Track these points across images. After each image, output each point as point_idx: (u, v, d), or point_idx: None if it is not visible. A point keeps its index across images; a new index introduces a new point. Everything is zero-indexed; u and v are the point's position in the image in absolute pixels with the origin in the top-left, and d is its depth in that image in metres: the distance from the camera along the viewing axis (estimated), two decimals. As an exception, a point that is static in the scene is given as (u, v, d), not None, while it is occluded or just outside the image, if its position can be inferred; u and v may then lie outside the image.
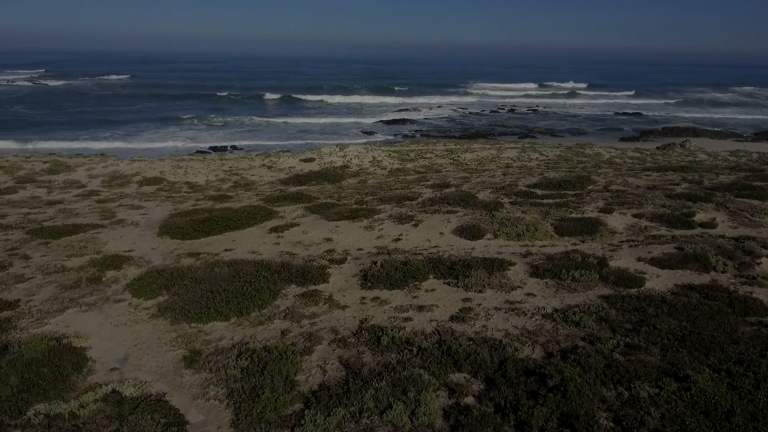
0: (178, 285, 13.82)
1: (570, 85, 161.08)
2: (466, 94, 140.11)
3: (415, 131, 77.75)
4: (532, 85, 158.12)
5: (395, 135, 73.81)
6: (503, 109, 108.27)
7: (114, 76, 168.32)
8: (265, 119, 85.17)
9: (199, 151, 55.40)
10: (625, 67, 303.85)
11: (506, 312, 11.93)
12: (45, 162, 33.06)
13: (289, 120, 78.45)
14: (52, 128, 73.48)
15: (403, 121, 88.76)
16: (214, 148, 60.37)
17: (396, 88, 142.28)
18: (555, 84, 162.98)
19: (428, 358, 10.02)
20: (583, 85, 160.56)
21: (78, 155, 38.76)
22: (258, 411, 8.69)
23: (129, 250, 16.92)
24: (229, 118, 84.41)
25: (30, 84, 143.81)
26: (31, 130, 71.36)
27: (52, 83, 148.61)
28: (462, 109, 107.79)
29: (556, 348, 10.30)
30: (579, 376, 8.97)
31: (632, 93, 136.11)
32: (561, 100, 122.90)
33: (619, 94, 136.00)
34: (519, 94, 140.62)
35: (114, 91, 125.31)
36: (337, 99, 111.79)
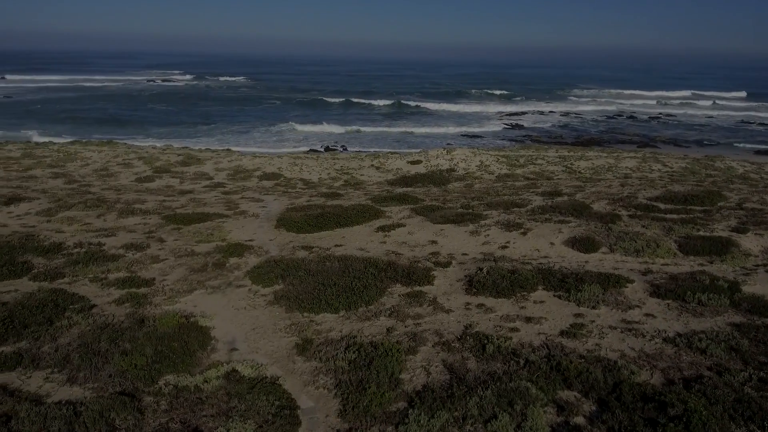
0: (293, 275, 14.58)
1: (690, 93, 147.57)
2: (578, 98, 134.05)
3: (524, 136, 75.67)
4: (653, 92, 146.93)
5: (503, 139, 72.32)
6: (621, 115, 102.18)
7: (238, 78, 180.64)
8: (374, 124, 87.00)
9: (312, 150, 58.01)
10: (752, 74, 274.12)
11: (622, 332, 11.29)
12: (179, 155, 36.31)
13: (395, 129, 78.98)
14: (184, 123, 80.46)
15: (512, 126, 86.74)
16: (326, 148, 62.88)
17: (503, 92, 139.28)
18: (678, 91, 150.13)
19: (536, 371, 9.75)
20: (712, 93, 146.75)
21: (207, 149, 42.12)
22: (364, 404, 8.95)
23: (250, 240, 18.11)
24: (339, 124, 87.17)
25: (166, 83, 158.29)
26: (166, 125, 78.65)
27: (184, 83, 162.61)
28: (574, 114, 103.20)
29: (677, 375, 9.58)
30: (704, 408, 8.29)
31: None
32: (685, 110, 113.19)
33: (755, 104, 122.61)
34: (637, 100, 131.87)
35: (238, 92, 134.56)
36: (444, 105, 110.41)
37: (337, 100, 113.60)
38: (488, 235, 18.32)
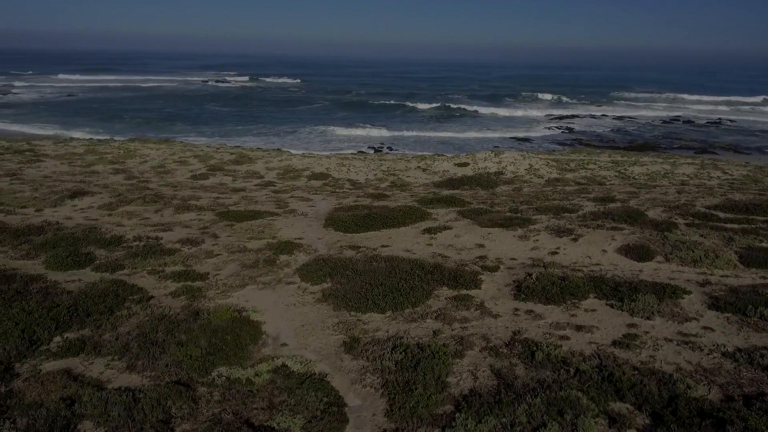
0: (341, 274, 14.77)
1: (762, 98, 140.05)
2: (631, 101, 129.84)
3: (574, 140, 73.92)
4: (715, 97, 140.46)
5: (552, 143, 70.91)
6: (677, 119, 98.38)
7: (288, 79, 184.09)
8: (419, 128, 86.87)
9: (359, 151, 58.50)
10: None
11: (678, 344, 10.91)
12: (231, 153, 37.35)
13: (440, 133, 78.27)
14: (236, 123, 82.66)
15: (562, 129, 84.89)
16: (373, 149, 63.28)
17: (552, 95, 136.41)
18: (740, 96, 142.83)
19: (587, 381, 9.55)
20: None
21: (258, 149, 43.16)
22: (411, 405, 8.99)
23: (299, 238, 18.46)
24: (384, 126, 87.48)
25: (219, 84, 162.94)
26: (218, 124, 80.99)
27: (237, 84, 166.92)
28: (628, 118, 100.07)
29: (737, 392, 9.19)
30: (766, 427, 7.92)
31: None
32: (747, 116, 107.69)
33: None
34: (696, 105, 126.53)
35: (287, 93, 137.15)
36: (491, 109, 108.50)
37: (383, 102, 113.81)
38: (537, 240, 18.03)
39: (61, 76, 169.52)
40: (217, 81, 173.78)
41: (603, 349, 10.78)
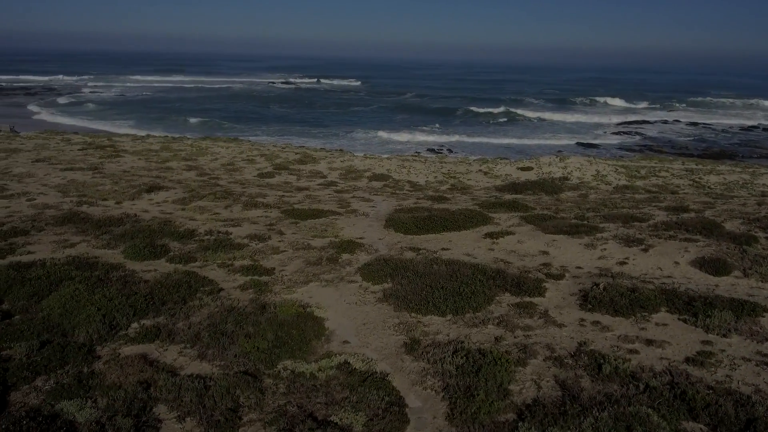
0: (401, 275, 14.86)
1: None
2: (705, 106, 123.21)
3: (644, 146, 71.08)
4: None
5: (620, 149, 68.34)
6: (757, 127, 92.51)
7: (350, 81, 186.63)
8: (480, 133, 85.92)
9: (418, 153, 58.57)
10: None
11: (758, 365, 10.29)
12: (296, 153, 38.31)
13: (503, 139, 76.63)
14: (300, 123, 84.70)
15: (631, 134, 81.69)
16: (432, 151, 63.22)
17: (620, 99, 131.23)
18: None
19: (657, 398, 9.17)
20: None
21: (321, 149, 44.05)
22: (472, 410, 8.94)
23: (360, 238, 18.71)
24: (443, 131, 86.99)
25: (284, 86, 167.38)
26: (284, 124, 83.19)
27: (301, 85, 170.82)
28: (703, 124, 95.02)
29: (826, 420, 8.56)
30: None
31: None
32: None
33: None
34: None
35: (349, 95, 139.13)
36: (556, 114, 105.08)
37: (443, 105, 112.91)
38: (605, 249, 17.46)
39: (137, 77, 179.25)
40: (283, 82, 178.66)
41: (675, 366, 10.32)
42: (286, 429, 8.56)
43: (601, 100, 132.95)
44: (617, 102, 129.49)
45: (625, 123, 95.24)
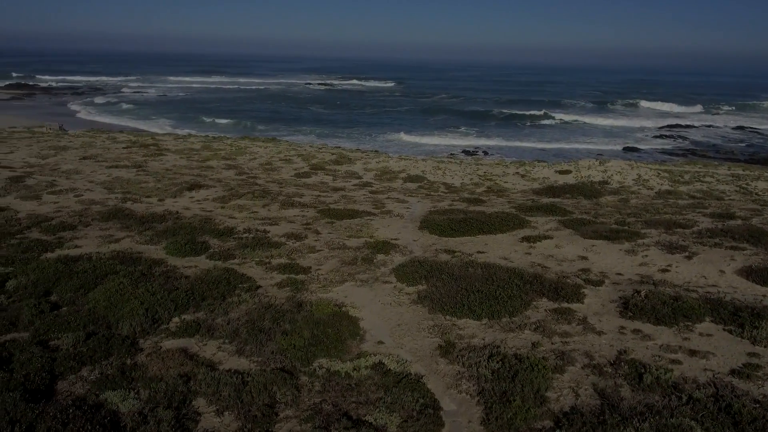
0: (436, 278, 14.81)
1: None
2: (755, 110, 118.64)
3: (687, 150, 68.92)
4: None
5: (663, 153, 66.49)
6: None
7: (386, 83, 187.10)
8: (517, 137, 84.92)
9: (453, 155, 58.24)
10: None
11: (810, 380, 9.86)
12: (332, 154, 38.63)
13: (540, 144, 75.27)
14: (336, 124, 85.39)
15: (674, 138, 79.37)
16: (467, 153, 62.78)
17: (662, 102, 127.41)
18: None
19: (701, 410, 8.90)
20: None
21: (357, 150, 44.26)
22: (508, 416, 8.85)
23: (395, 239, 18.73)
24: (479, 133, 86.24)
25: (321, 87, 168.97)
26: (320, 125, 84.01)
27: (337, 86, 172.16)
28: (750, 129, 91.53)
29: None
30: None
31: None
32: None
33: None
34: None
35: (385, 96, 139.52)
36: (597, 119, 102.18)
37: (479, 108, 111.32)
38: (646, 255, 17.02)
39: (177, 77, 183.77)
40: (319, 83, 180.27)
41: (720, 378, 10.00)
42: (321, 427, 8.64)
43: (643, 102, 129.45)
44: (660, 105, 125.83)
45: (668, 126, 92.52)
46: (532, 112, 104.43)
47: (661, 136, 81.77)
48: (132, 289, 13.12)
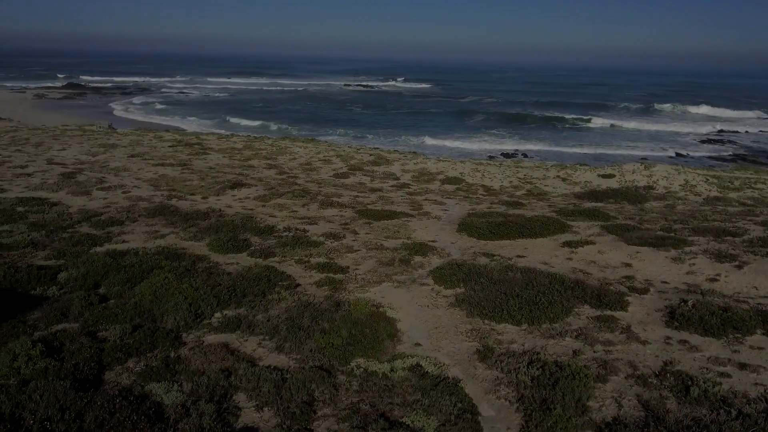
0: (474, 281, 14.68)
1: None
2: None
3: (737, 156, 66.38)
4: None
5: (711, 158, 64.20)
6: None
7: (424, 85, 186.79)
8: (557, 141, 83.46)
9: (490, 156, 57.70)
10: None
11: None
12: (370, 155, 38.81)
13: (577, 149, 73.29)
14: (374, 125, 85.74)
15: (723, 143, 76.55)
16: (506, 155, 62.06)
17: (710, 106, 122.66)
18: None
19: (751, 426, 8.53)
20: None
21: (394, 151, 44.33)
22: (548, 425, 8.69)
23: (432, 241, 18.66)
24: (518, 136, 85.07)
25: (359, 88, 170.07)
26: (358, 126, 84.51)
27: (376, 88, 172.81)
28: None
29: None
30: None
31: None
32: None
33: None
34: None
35: (423, 98, 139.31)
36: (640, 122, 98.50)
37: (518, 111, 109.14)
38: (693, 264, 16.44)
39: (219, 78, 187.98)
40: (357, 84, 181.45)
41: (773, 394, 9.55)
42: (359, 427, 8.67)
43: (691, 106, 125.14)
44: (708, 109, 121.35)
45: (718, 131, 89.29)
46: (572, 116, 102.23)
47: (709, 141, 79.00)
48: (176, 284, 13.46)
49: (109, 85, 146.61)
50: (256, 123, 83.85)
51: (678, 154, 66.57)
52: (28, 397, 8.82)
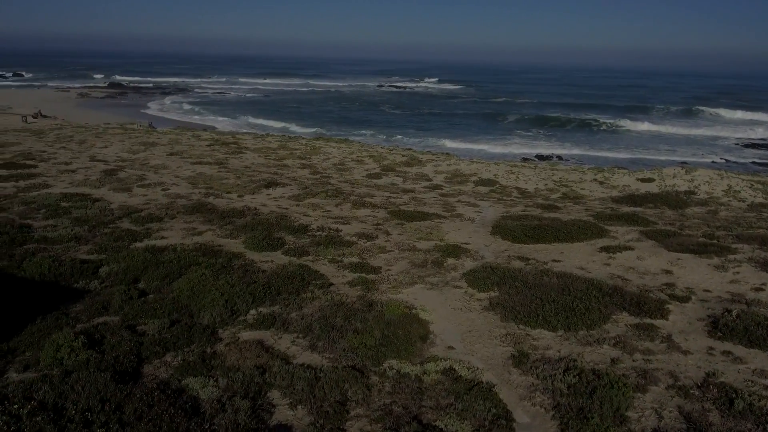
0: (509, 285, 14.49)
1: None
2: None
3: (785, 160, 63.69)
4: None
5: (755, 164, 61.92)
6: None
7: (455, 86, 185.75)
8: (592, 145, 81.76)
9: (524, 159, 56.92)
10: None
11: None
12: (403, 156, 38.75)
13: (612, 153, 71.47)
14: (406, 126, 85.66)
15: (767, 147, 73.70)
16: (540, 158, 61.12)
17: (755, 112, 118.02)
18: None
19: (803, 444, 8.17)
20: None
21: (427, 152, 44.20)
22: (585, 433, 8.49)
23: (465, 243, 18.50)
24: (554, 139, 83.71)
25: (392, 89, 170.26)
26: (392, 127, 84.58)
27: (408, 88, 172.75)
28: None
29: None
30: None
31: None
32: None
33: None
34: None
35: (454, 99, 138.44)
36: (681, 127, 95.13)
37: (554, 113, 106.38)
38: (738, 272, 15.87)
39: (255, 79, 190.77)
40: (390, 86, 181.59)
41: (825, 411, 9.12)
42: (391, 428, 8.65)
43: (732, 110, 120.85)
44: (751, 113, 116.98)
45: (763, 137, 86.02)
46: (610, 119, 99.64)
47: (753, 146, 76.20)
48: (213, 281, 13.68)
49: (149, 85, 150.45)
50: (290, 123, 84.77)
51: (723, 159, 64.38)
52: (71, 388, 9.09)
